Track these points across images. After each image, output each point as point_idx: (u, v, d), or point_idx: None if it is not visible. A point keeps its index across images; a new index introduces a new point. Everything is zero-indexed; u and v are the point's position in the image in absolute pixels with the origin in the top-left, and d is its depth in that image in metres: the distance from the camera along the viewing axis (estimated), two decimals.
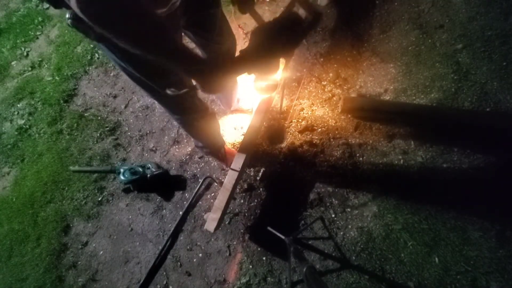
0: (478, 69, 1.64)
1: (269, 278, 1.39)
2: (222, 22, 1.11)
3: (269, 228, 1.42)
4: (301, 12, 0.79)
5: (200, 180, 1.65)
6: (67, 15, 0.66)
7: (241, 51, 0.78)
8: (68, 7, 0.65)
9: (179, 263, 1.51)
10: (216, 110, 1.82)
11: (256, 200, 1.56)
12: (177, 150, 1.79)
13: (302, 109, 1.73)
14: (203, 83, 0.77)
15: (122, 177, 1.62)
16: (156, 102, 1.25)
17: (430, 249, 1.33)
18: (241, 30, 2.04)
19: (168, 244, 1.55)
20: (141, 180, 1.63)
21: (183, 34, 1.09)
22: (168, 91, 0.88)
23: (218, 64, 0.76)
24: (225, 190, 1.32)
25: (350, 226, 1.43)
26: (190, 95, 1.12)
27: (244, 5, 1.01)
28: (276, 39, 0.77)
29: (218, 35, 1.13)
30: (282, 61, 0.91)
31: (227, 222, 1.54)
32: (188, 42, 2.07)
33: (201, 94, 0.97)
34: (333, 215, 1.46)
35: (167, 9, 0.79)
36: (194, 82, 0.78)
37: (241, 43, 1.98)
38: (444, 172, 1.46)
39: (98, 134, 1.94)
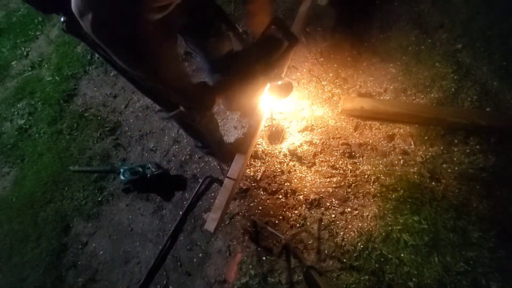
0: (478, 69, 1.64)
1: (269, 278, 1.39)
2: (220, 23, 1.12)
3: (269, 228, 1.42)
4: (279, 35, 0.82)
5: (200, 180, 1.65)
6: (62, 19, 0.66)
7: (221, 79, 0.83)
8: (59, 12, 0.64)
9: (179, 263, 1.51)
10: (216, 110, 1.82)
11: (256, 200, 1.56)
12: (177, 150, 1.79)
13: (302, 109, 1.73)
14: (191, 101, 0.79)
15: (122, 177, 1.62)
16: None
17: (430, 249, 1.33)
18: (239, 27, 2.04)
19: (168, 244, 1.55)
20: (141, 180, 1.63)
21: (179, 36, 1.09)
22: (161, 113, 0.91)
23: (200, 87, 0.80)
24: (225, 190, 1.32)
25: (350, 226, 1.43)
26: None
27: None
28: (254, 65, 0.82)
29: (216, 35, 1.13)
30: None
31: (227, 222, 1.54)
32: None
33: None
34: (333, 215, 1.46)
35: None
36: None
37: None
38: (444, 172, 1.46)
39: (98, 134, 1.94)
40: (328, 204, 1.48)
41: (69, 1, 0.51)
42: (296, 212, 1.49)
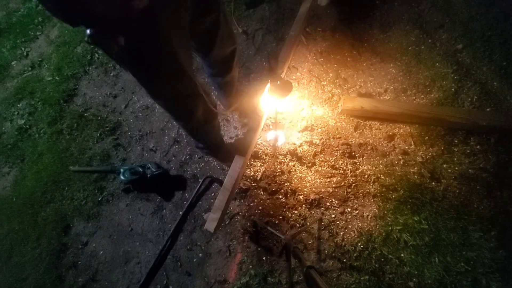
0: (478, 69, 1.64)
1: (269, 278, 1.39)
2: (224, 27, 1.10)
3: (269, 228, 1.42)
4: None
5: (200, 180, 1.65)
6: (88, 32, 0.66)
7: None
8: (87, 25, 0.66)
9: (179, 263, 1.51)
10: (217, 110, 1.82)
11: (255, 200, 1.56)
12: (177, 150, 1.79)
13: (302, 109, 1.73)
14: None
15: (122, 177, 1.62)
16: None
17: (430, 249, 1.33)
18: (239, 27, 2.04)
19: (168, 244, 1.55)
20: (141, 180, 1.63)
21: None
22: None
23: None
24: (225, 190, 1.32)
25: (350, 226, 1.43)
26: (203, 101, 1.13)
27: None
28: None
29: (220, 40, 1.12)
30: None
31: (227, 222, 1.54)
32: None
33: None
34: (333, 215, 1.46)
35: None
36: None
37: (238, 40, 1.99)
38: (444, 172, 1.46)
39: (98, 134, 1.93)
40: (328, 204, 1.48)
41: (93, 15, 0.62)
42: (296, 212, 1.49)
